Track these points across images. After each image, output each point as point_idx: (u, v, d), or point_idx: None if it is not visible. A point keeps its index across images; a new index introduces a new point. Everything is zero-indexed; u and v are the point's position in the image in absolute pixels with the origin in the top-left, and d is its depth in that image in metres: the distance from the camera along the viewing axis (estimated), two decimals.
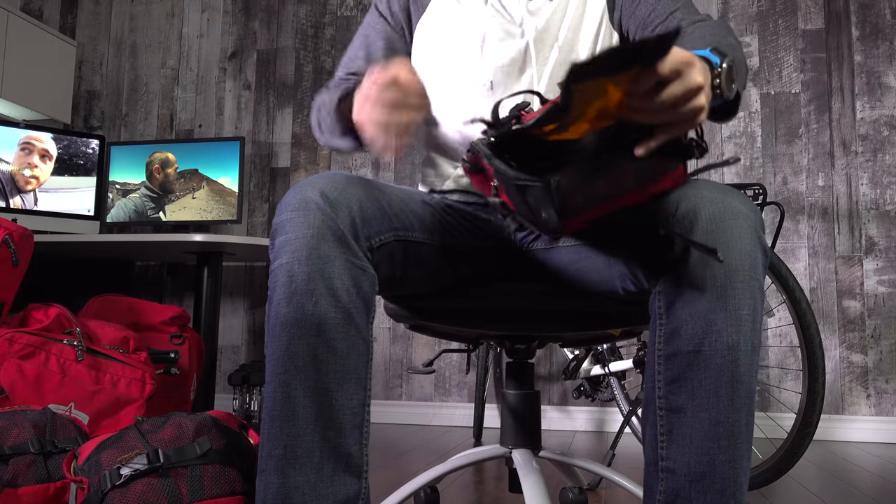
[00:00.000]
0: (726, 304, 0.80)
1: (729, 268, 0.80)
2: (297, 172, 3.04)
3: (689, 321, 0.82)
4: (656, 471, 0.84)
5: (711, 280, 0.80)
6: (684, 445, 0.82)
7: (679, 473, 0.82)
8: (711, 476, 0.81)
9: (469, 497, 1.61)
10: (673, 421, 0.83)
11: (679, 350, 0.82)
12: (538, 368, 2.77)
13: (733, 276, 0.80)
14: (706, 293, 0.81)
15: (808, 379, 1.66)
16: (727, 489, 0.81)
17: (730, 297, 0.80)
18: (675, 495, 0.82)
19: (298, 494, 0.81)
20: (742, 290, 0.80)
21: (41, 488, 1.21)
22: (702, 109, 0.72)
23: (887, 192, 2.61)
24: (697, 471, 0.81)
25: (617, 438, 1.88)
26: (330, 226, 0.84)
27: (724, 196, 0.83)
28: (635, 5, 1.12)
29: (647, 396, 0.86)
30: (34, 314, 1.86)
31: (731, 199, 0.83)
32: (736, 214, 0.82)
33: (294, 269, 0.83)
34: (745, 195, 0.86)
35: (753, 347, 0.81)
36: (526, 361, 1.18)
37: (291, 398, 0.82)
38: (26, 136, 2.73)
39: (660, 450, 0.84)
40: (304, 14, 3.11)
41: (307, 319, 0.82)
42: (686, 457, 0.82)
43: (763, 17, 2.77)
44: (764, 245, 0.83)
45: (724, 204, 0.82)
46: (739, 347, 0.80)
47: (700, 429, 0.81)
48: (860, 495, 1.67)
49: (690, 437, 0.81)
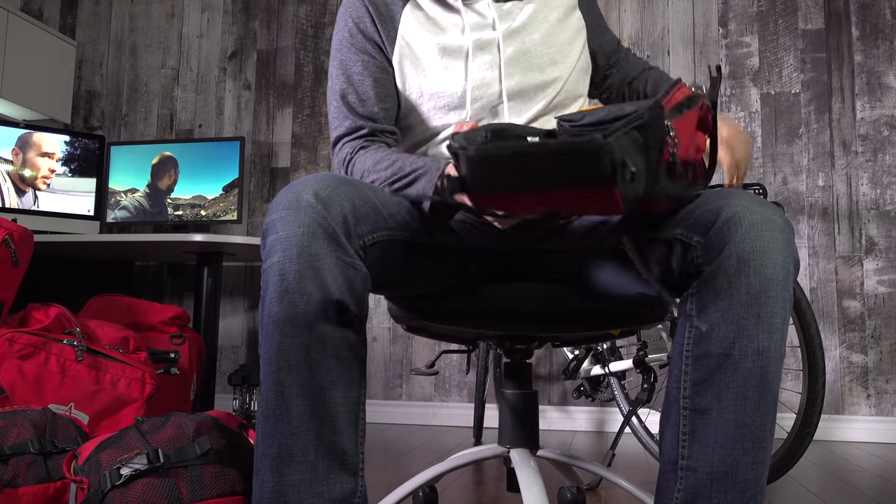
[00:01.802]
0: (760, 311, 0.82)
1: (764, 276, 0.82)
2: (297, 172, 3.04)
3: (721, 325, 0.83)
4: (675, 469, 0.85)
5: (747, 287, 0.82)
6: (707, 445, 0.83)
7: (701, 472, 0.83)
8: (734, 476, 0.82)
9: (468, 496, 1.61)
10: (697, 421, 0.84)
11: (709, 352, 0.84)
12: (538, 368, 2.77)
13: (768, 285, 0.82)
14: (741, 299, 0.82)
15: (809, 379, 1.66)
16: (748, 490, 0.82)
17: (763, 305, 0.82)
18: (695, 493, 0.83)
19: (294, 493, 0.81)
20: (775, 299, 0.82)
21: (41, 488, 1.21)
22: None
23: (887, 192, 2.61)
24: (720, 470, 0.82)
25: (617, 438, 1.88)
26: (321, 224, 0.84)
27: (761, 207, 0.85)
28: (602, 31, 1.26)
29: (670, 396, 0.87)
30: (34, 314, 1.86)
31: (769, 211, 0.85)
32: (773, 226, 0.84)
33: (285, 268, 0.83)
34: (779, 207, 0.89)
35: (781, 355, 0.84)
36: (524, 361, 1.18)
37: (285, 397, 0.82)
38: (25, 135, 2.73)
39: (681, 448, 0.85)
40: (304, 14, 3.11)
41: (299, 318, 0.82)
42: (709, 456, 0.83)
43: (763, 17, 2.77)
44: (796, 257, 0.86)
45: (762, 214, 0.84)
46: (770, 354, 0.82)
47: (725, 430, 0.82)
48: (860, 495, 1.67)
49: (714, 437, 0.83)
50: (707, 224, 0.85)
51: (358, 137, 1.12)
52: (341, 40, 1.15)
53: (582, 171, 0.69)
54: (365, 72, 1.13)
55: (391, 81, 1.14)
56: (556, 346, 1.32)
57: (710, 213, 0.86)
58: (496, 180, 0.75)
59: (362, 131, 1.12)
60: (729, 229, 0.84)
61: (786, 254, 0.83)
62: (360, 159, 1.08)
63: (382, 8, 1.14)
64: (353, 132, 1.12)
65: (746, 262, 0.82)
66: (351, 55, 1.14)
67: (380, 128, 1.13)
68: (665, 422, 0.88)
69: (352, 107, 1.13)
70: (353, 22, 1.15)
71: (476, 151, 0.74)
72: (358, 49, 1.14)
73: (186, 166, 2.84)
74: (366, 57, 1.13)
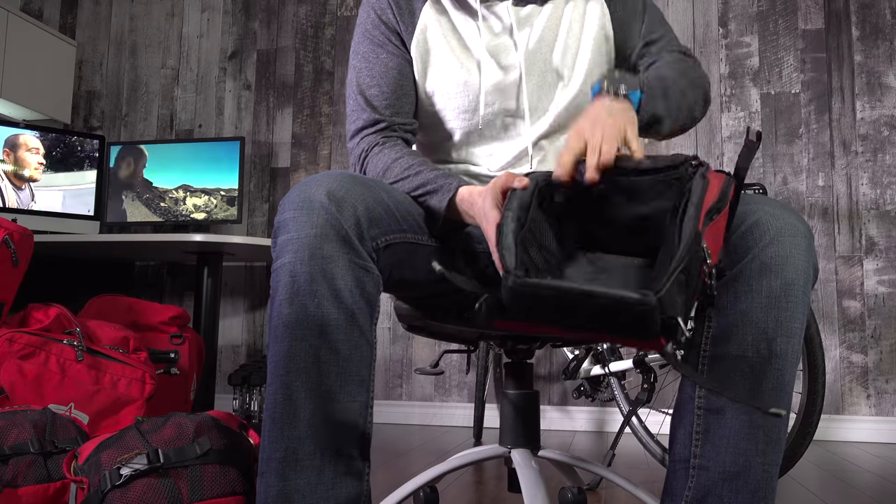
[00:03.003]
0: (779, 315, 0.82)
1: (786, 281, 0.82)
2: (297, 172, 3.04)
3: (740, 327, 0.83)
4: (686, 468, 0.85)
5: (767, 290, 0.82)
6: (720, 445, 0.83)
7: (713, 471, 0.83)
8: (746, 476, 0.82)
9: (468, 497, 1.61)
10: (710, 421, 0.84)
11: (726, 353, 0.84)
12: (538, 368, 2.77)
13: (789, 290, 0.82)
14: (762, 302, 0.82)
15: (809, 379, 1.66)
16: (759, 490, 0.82)
17: (783, 309, 0.82)
18: (706, 492, 0.83)
19: (299, 497, 0.81)
20: (795, 304, 0.83)
21: (41, 488, 1.21)
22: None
23: (887, 192, 2.61)
24: (732, 470, 0.82)
25: (617, 438, 1.88)
26: (334, 225, 0.83)
27: (784, 212, 0.86)
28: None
29: (684, 395, 0.88)
30: (34, 314, 1.86)
31: (791, 217, 0.86)
32: (795, 232, 0.84)
33: (296, 270, 0.82)
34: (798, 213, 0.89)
35: (798, 359, 0.84)
36: (525, 361, 1.18)
37: (293, 400, 0.82)
38: (11, 137, 2.73)
39: (693, 447, 0.85)
40: (304, 14, 3.11)
41: (309, 320, 0.82)
42: (721, 456, 0.83)
43: (763, 17, 2.77)
44: (815, 262, 0.86)
45: (785, 220, 0.85)
46: (787, 357, 0.82)
47: (739, 430, 0.82)
48: (860, 495, 1.67)
49: (728, 437, 0.83)
50: (731, 229, 0.85)
51: (377, 131, 1.09)
52: (363, 32, 1.14)
53: (630, 325, 0.66)
54: (385, 64, 1.11)
55: (411, 75, 1.12)
56: (557, 346, 1.32)
57: (736, 218, 0.86)
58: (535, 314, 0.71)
59: (381, 125, 1.09)
60: (753, 235, 0.84)
61: (807, 259, 0.84)
62: (375, 159, 1.07)
63: (402, 1, 1.12)
64: (371, 125, 1.10)
65: (769, 267, 0.82)
66: (372, 47, 1.12)
67: (399, 121, 1.10)
68: (677, 420, 0.88)
69: (369, 100, 1.10)
70: (374, 13, 1.13)
71: (515, 283, 0.70)
72: (379, 42, 1.12)
73: (186, 166, 2.83)
74: (387, 49, 1.11)
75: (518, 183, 0.83)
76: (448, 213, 0.97)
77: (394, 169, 1.03)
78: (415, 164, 1.02)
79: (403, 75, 1.11)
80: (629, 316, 0.65)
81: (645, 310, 0.64)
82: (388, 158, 1.05)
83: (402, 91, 1.11)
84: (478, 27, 1.11)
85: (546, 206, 0.84)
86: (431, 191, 0.98)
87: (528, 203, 0.81)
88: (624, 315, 0.66)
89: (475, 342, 1.26)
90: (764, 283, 0.82)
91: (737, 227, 0.85)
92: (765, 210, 0.86)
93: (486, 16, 1.12)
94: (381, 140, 1.08)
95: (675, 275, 0.67)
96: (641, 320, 0.65)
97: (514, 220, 0.78)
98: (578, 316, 0.68)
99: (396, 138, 1.10)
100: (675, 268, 0.68)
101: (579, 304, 0.67)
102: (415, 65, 1.12)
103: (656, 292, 0.64)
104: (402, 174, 1.02)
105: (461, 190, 0.96)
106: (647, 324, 0.65)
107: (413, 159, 1.03)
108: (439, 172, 1.00)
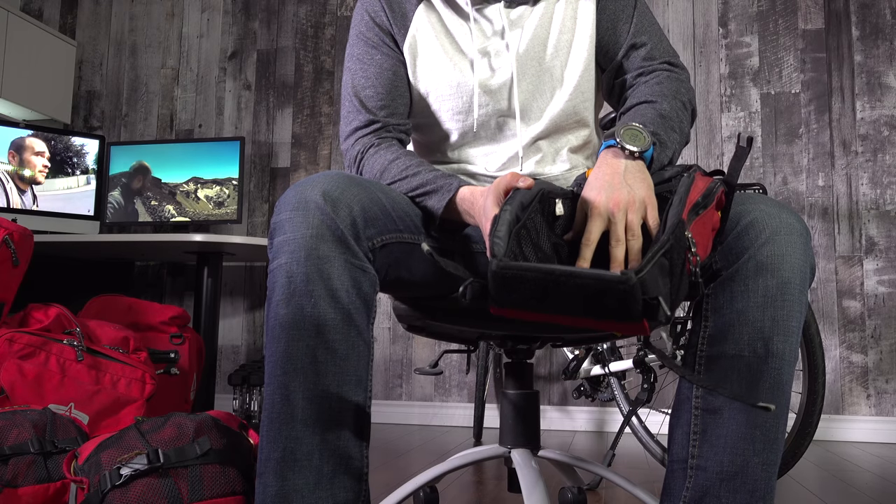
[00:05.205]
0: (776, 314, 0.82)
1: (782, 280, 0.82)
2: (297, 172, 3.04)
3: (737, 326, 0.83)
4: (684, 469, 0.85)
5: (764, 290, 0.82)
6: (718, 445, 0.83)
7: (710, 471, 0.83)
8: (743, 476, 0.82)
9: (468, 497, 1.61)
10: (708, 421, 0.84)
11: (723, 353, 0.84)
12: (538, 368, 2.77)
13: (785, 289, 0.82)
14: (758, 302, 0.82)
15: (808, 379, 1.66)
16: (757, 491, 0.82)
17: (779, 308, 0.82)
18: (703, 492, 0.83)
19: (298, 497, 0.81)
20: (792, 303, 0.82)
21: (41, 488, 1.21)
22: None
23: (887, 192, 2.61)
24: (730, 470, 0.82)
25: (617, 438, 1.88)
26: (329, 226, 0.83)
27: (780, 211, 0.85)
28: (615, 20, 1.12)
29: (682, 395, 0.87)
30: (34, 314, 1.86)
31: (787, 215, 0.85)
32: (791, 230, 0.84)
33: (293, 270, 0.82)
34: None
35: (795, 358, 0.84)
36: (525, 361, 1.18)
37: (290, 400, 0.82)
38: (17, 140, 2.73)
39: (691, 448, 0.85)
40: (304, 14, 3.11)
41: (306, 321, 0.82)
42: (719, 456, 0.83)
43: (763, 17, 2.77)
44: (812, 261, 0.86)
45: (781, 219, 0.84)
46: (785, 357, 0.82)
47: (736, 430, 0.82)
48: (860, 495, 1.67)
49: (725, 437, 0.83)
50: (726, 229, 0.85)
51: (372, 132, 1.09)
52: (357, 34, 1.14)
53: (612, 307, 0.67)
54: (380, 66, 1.11)
55: (405, 76, 1.13)
56: (557, 346, 1.32)
57: (731, 218, 0.86)
58: (518, 298, 0.71)
59: (376, 125, 1.09)
60: (749, 234, 0.84)
61: (803, 258, 0.84)
62: (371, 160, 1.07)
63: (395, 4, 1.13)
64: (366, 126, 1.10)
65: (765, 266, 0.82)
66: (367, 49, 1.12)
67: (394, 122, 1.10)
68: (675, 421, 0.88)
69: (364, 101, 1.10)
70: (368, 16, 1.13)
71: (499, 267, 0.70)
72: (373, 43, 1.12)
73: (187, 166, 2.83)
74: (381, 51, 1.12)
75: (522, 183, 0.83)
76: (446, 213, 0.97)
77: (391, 169, 1.03)
78: (413, 164, 1.02)
79: (398, 76, 1.12)
80: (612, 297, 0.66)
81: (625, 288, 0.65)
82: (384, 159, 1.05)
83: (396, 92, 1.11)
84: (469, 29, 1.11)
85: (546, 215, 0.85)
86: (431, 191, 0.98)
87: (529, 203, 0.82)
88: (608, 297, 0.66)
89: (475, 342, 1.26)
90: (760, 282, 0.82)
91: (733, 227, 0.85)
92: (761, 209, 0.85)
93: (478, 18, 1.12)
94: (377, 141, 1.09)
95: (657, 258, 0.68)
96: (623, 301, 0.66)
97: (511, 213, 0.79)
98: (562, 298, 0.69)
99: (392, 139, 1.10)
100: (658, 250, 0.69)
101: (562, 285, 0.68)
102: (408, 66, 1.12)
103: (637, 272, 0.65)
104: (400, 174, 1.02)
105: (462, 190, 0.96)
106: (628, 304, 0.66)
107: (411, 160, 1.03)
108: (438, 173, 1.00)
